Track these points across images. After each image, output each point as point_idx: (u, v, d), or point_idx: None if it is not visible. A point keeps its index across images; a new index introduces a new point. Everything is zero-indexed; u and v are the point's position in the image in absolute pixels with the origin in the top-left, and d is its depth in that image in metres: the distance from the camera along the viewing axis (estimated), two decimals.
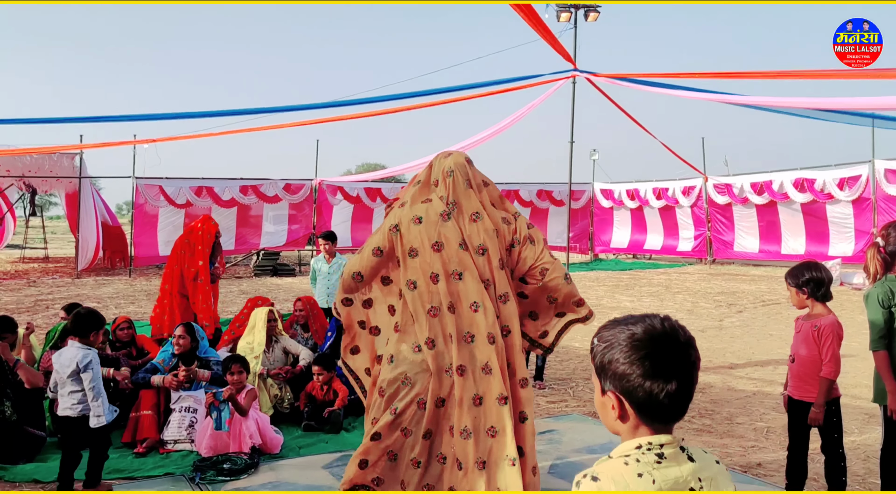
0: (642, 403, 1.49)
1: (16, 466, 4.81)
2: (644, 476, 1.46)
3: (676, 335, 1.52)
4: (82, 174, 18.79)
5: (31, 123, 13.67)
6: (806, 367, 3.95)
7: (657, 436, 1.50)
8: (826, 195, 18.54)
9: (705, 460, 1.55)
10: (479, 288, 3.59)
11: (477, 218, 3.72)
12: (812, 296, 3.96)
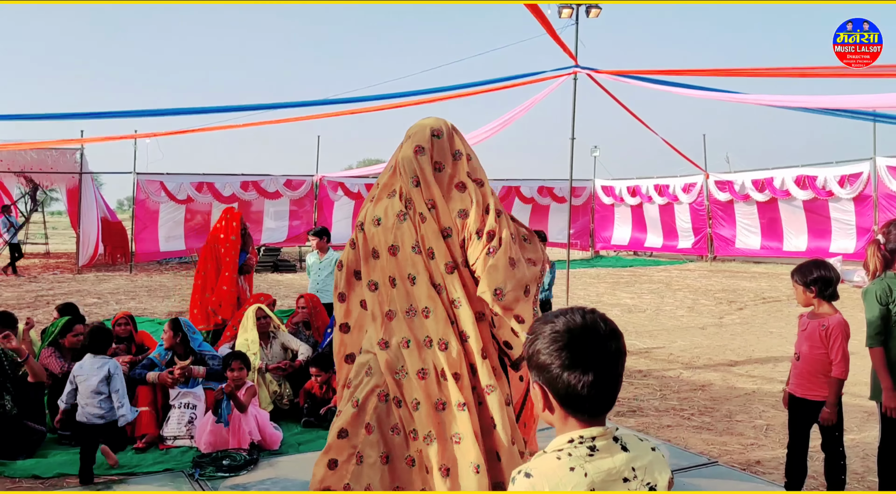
0: (563, 394, 1.52)
1: (15, 461, 4.81)
2: (576, 469, 1.48)
3: (596, 326, 1.54)
4: (83, 170, 18.80)
5: (33, 118, 13.63)
6: (812, 365, 3.94)
7: (588, 429, 1.53)
8: (827, 192, 18.52)
9: (640, 448, 1.57)
10: (431, 293, 3.37)
11: (423, 219, 3.41)
12: (820, 295, 3.94)
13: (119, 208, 27.46)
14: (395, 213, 3.45)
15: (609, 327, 1.55)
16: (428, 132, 3.43)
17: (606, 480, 1.49)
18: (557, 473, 1.48)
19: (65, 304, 6.73)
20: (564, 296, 13.35)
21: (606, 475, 1.50)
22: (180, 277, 17.90)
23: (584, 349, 1.51)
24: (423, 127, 3.46)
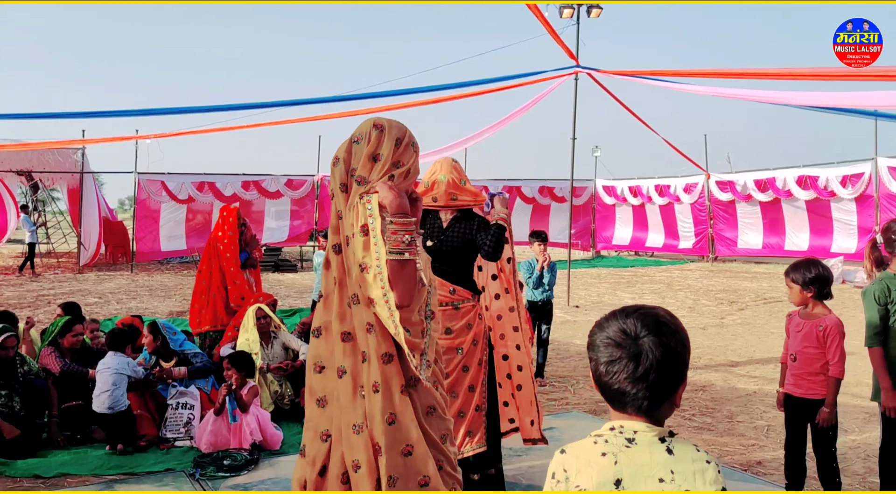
0: (601, 387, 1.58)
1: (16, 461, 4.81)
2: (608, 455, 1.51)
3: (637, 326, 1.56)
4: (84, 169, 18.82)
5: (34, 117, 13.64)
6: (809, 365, 3.93)
7: (631, 421, 1.55)
8: (829, 193, 18.52)
9: (688, 456, 1.54)
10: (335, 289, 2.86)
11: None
12: (818, 295, 3.95)
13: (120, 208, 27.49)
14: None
15: (655, 327, 1.55)
16: (369, 125, 2.87)
17: (637, 474, 1.50)
18: (589, 454, 1.54)
19: (67, 302, 6.78)
20: (565, 296, 13.37)
21: (638, 468, 1.50)
22: (181, 276, 17.91)
23: (618, 347, 1.54)
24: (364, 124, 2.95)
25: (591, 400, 6.63)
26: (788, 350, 4.10)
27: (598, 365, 1.56)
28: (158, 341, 5.83)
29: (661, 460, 1.51)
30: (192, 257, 20.59)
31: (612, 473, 1.50)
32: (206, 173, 20.55)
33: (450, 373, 3.93)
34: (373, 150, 2.73)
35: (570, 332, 10.35)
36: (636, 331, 1.54)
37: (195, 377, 5.62)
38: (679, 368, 1.54)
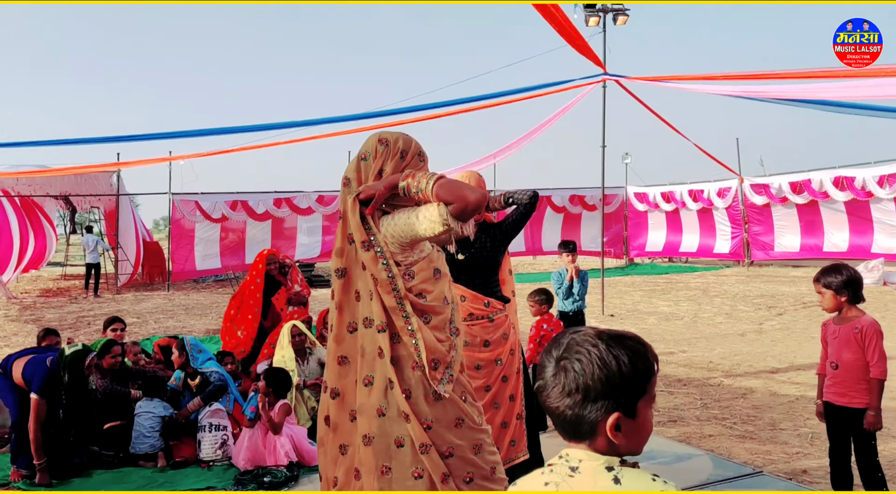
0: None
1: (62, 482, 4.89)
2: (549, 485, 1.43)
3: (556, 346, 1.50)
4: (120, 191, 19.16)
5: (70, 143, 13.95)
6: (852, 372, 3.86)
7: (575, 450, 1.46)
8: (866, 193, 18.16)
9: (639, 486, 1.42)
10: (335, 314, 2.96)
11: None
12: (852, 299, 3.90)
13: (155, 228, 27.91)
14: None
15: (568, 350, 1.46)
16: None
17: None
18: (533, 484, 1.46)
19: (111, 318, 6.95)
20: (599, 305, 13.27)
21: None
22: (216, 294, 18.10)
23: (544, 369, 1.50)
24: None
25: None
26: (828, 359, 4.03)
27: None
28: (183, 357, 5.92)
29: (605, 489, 1.41)
30: (227, 275, 20.80)
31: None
32: (238, 192, 20.78)
33: (492, 385, 3.96)
34: (379, 165, 2.73)
35: None
36: (558, 354, 1.47)
37: (210, 399, 5.62)
38: (597, 393, 1.42)
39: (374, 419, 2.64)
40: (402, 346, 2.66)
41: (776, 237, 21.50)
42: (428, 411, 2.64)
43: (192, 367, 5.89)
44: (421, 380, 2.65)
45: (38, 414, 4.85)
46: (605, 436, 1.42)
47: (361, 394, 2.69)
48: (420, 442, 2.60)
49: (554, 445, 4.35)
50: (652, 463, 5.05)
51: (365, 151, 2.78)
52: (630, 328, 11.64)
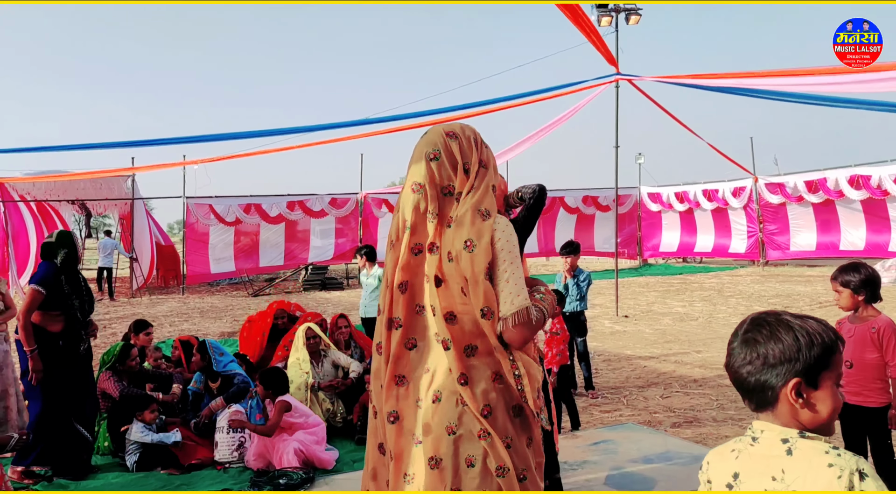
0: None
1: (80, 481, 4.92)
2: (734, 451, 1.63)
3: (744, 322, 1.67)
4: (135, 196, 19.29)
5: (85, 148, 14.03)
6: (867, 371, 3.85)
7: (759, 422, 1.60)
8: (882, 192, 18.02)
9: (809, 456, 1.50)
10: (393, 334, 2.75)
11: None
12: (870, 298, 3.88)
13: (170, 232, 28.07)
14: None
15: (752, 323, 1.63)
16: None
17: (753, 470, 1.55)
18: (723, 450, 1.67)
19: (138, 321, 7.03)
20: (613, 306, 13.22)
21: (755, 465, 1.55)
22: (231, 297, 18.18)
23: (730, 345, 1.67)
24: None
25: (645, 411, 6.53)
26: (843, 358, 4.00)
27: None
28: (206, 360, 5.97)
29: (777, 458, 1.52)
30: (241, 278, 20.89)
31: (733, 467, 1.59)
32: (251, 195, 20.88)
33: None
34: (462, 159, 2.50)
35: (621, 342, 10.22)
36: (744, 328, 1.63)
37: (233, 401, 5.66)
38: (776, 359, 1.54)
39: (443, 439, 2.40)
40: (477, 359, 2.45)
41: (792, 236, 21.37)
42: (510, 428, 2.45)
43: (214, 369, 5.92)
44: (502, 394, 2.44)
45: (30, 302, 4.89)
46: (786, 404, 1.53)
47: (426, 413, 2.44)
48: (498, 464, 2.38)
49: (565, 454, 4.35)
50: (668, 464, 5.02)
51: (432, 150, 2.49)
52: (644, 328, 11.62)
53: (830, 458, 1.45)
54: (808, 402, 1.52)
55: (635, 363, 8.79)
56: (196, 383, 5.92)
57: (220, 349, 6.06)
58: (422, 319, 2.51)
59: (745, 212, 22.32)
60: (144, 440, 5.26)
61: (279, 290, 19.99)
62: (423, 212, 2.48)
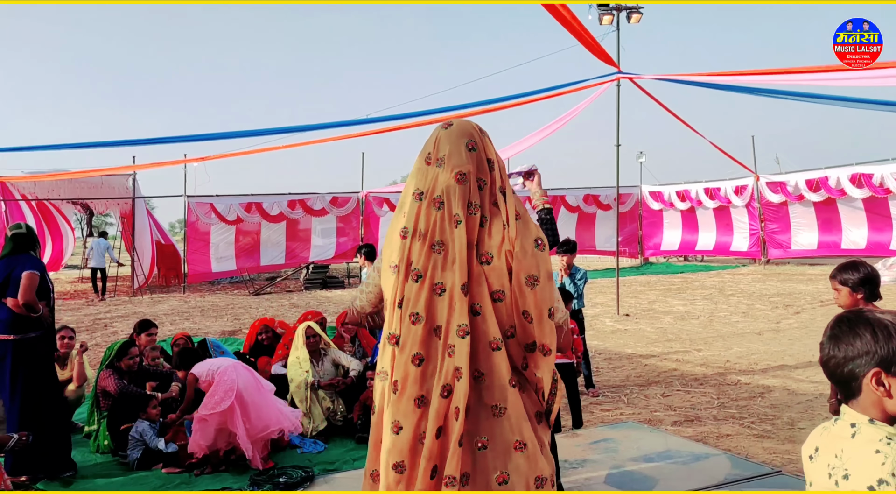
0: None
1: (79, 481, 4.92)
2: (819, 428, 1.80)
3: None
4: (136, 194, 19.28)
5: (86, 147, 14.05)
6: None
7: (844, 406, 1.73)
8: (885, 190, 17.99)
9: (866, 439, 1.62)
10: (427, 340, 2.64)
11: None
12: (869, 297, 3.86)
13: (171, 231, 28.07)
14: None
15: (837, 322, 1.74)
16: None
17: (826, 447, 1.70)
18: (818, 428, 1.81)
19: (143, 321, 7.02)
20: (614, 305, 13.21)
21: (829, 443, 1.69)
22: (232, 296, 18.18)
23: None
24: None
25: (646, 409, 6.52)
26: None
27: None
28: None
29: (843, 439, 1.66)
30: (242, 277, 20.88)
31: (817, 442, 1.75)
32: (252, 194, 20.88)
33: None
34: (487, 155, 2.50)
35: (622, 341, 10.21)
36: (832, 324, 1.76)
37: None
38: (858, 350, 1.66)
39: (511, 453, 2.34)
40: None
41: (793, 235, 21.35)
42: (543, 437, 2.44)
43: None
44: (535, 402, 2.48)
45: (30, 283, 4.86)
46: (869, 393, 1.64)
47: (486, 426, 2.35)
48: (537, 475, 2.35)
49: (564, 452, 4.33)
50: (668, 463, 5.01)
51: (470, 140, 2.47)
52: (646, 327, 11.60)
53: (881, 445, 1.57)
54: (889, 391, 1.62)
55: (636, 362, 8.78)
56: None
57: (220, 347, 6.07)
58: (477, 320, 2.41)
59: (748, 210, 22.29)
60: (147, 441, 5.27)
61: (280, 289, 19.99)
62: (471, 207, 2.41)
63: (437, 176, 2.42)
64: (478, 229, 2.40)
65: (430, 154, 2.48)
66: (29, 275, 4.92)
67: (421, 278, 2.38)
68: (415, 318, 2.37)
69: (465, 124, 2.53)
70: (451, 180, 2.39)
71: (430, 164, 2.47)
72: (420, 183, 2.45)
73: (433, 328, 2.38)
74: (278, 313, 14.21)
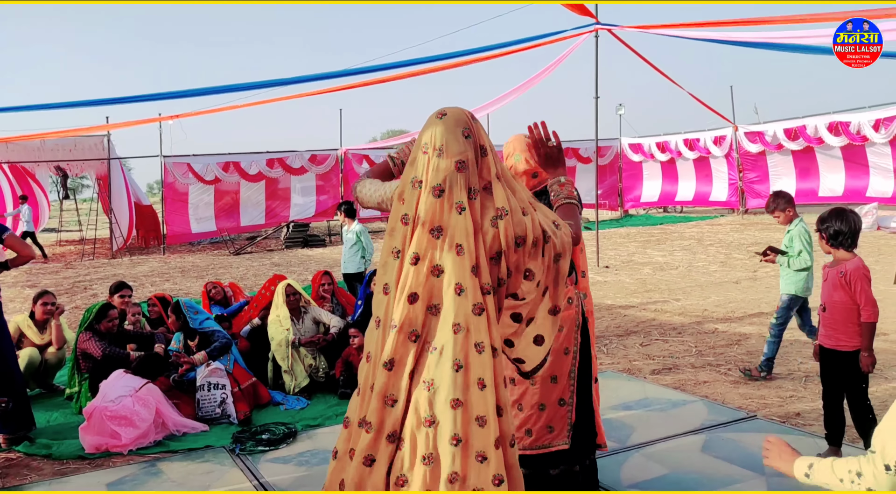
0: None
1: (63, 442, 4.93)
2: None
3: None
4: (111, 155, 19.01)
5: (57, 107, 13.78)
6: (837, 314, 3.92)
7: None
8: (862, 138, 18.09)
9: None
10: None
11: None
12: (831, 243, 3.97)
13: (149, 192, 27.78)
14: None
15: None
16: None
17: None
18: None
19: (118, 283, 7.07)
20: (594, 257, 13.29)
21: None
22: (212, 256, 18.10)
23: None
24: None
25: (625, 359, 6.61)
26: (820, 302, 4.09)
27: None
28: (181, 320, 5.98)
29: None
30: (223, 237, 20.76)
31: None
32: (230, 153, 20.65)
33: None
34: (481, 141, 2.54)
35: (601, 292, 10.29)
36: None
37: (216, 356, 5.68)
38: None
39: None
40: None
41: (771, 184, 21.47)
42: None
43: (190, 327, 5.93)
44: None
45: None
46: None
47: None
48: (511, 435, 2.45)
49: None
50: (647, 411, 5.11)
51: (465, 128, 2.50)
52: (625, 278, 11.70)
53: None
54: None
55: (615, 313, 8.87)
56: (176, 342, 5.92)
57: (194, 308, 6.06)
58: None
59: (727, 160, 22.36)
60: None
61: (261, 248, 19.91)
62: (472, 193, 2.46)
63: (438, 165, 2.47)
64: (480, 213, 2.46)
65: (427, 144, 2.51)
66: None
67: (419, 260, 2.44)
68: (413, 298, 2.43)
69: (458, 112, 2.58)
70: (452, 168, 2.44)
71: (427, 153, 2.50)
72: (419, 172, 2.50)
73: (428, 307, 2.45)
74: (259, 272, 14.19)
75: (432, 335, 2.44)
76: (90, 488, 4.24)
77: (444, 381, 2.37)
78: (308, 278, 12.02)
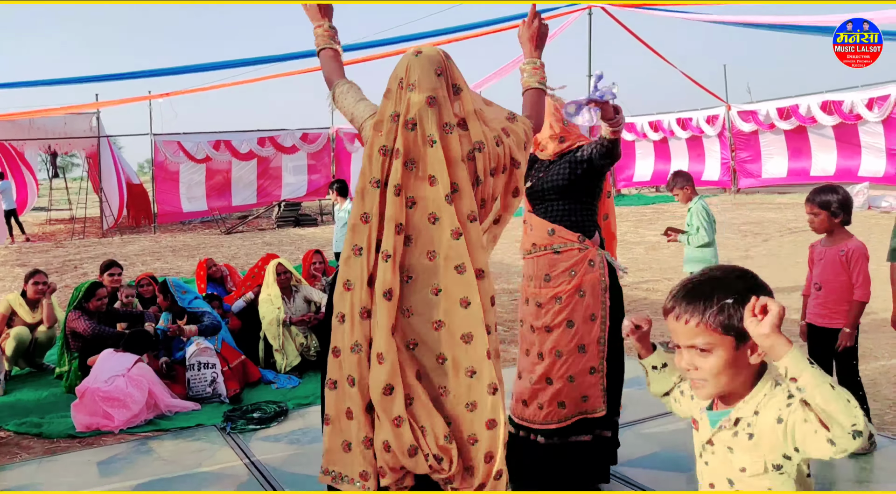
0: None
1: (52, 421, 4.92)
2: None
3: None
4: (100, 134, 18.86)
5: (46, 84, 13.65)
6: (835, 294, 3.91)
7: None
8: (855, 116, 18.09)
9: None
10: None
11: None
12: (845, 222, 3.94)
13: (140, 171, 27.62)
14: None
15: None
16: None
17: None
18: None
19: (108, 261, 7.00)
20: None
21: None
22: (203, 235, 18.04)
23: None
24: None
25: None
26: (812, 280, 4.08)
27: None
28: (168, 299, 5.98)
29: None
30: (214, 216, 20.67)
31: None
32: (221, 131, 20.51)
33: (552, 328, 3.46)
34: (454, 80, 2.63)
35: None
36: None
37: (205, 335, 5.69)
38: None
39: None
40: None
41: (763, 164, 21.50)
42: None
43: (179, 306, 5.92)
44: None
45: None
46: None
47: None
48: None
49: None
50: (637, 389, 5.11)
51: (438, 67, 2.59)
52: (617, 258, 11.66)
53: None
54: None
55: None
56: (164, 322, 5.90)
57: (182, 287, 6.04)
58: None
59: (720, 140, 22.35)
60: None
61: (252, 227, 19.85)
62: (447, 127, 2.55)
63: (410, 99, 2.54)
64: (458, 146, 2.54)
65: (402, 79, 2.59)
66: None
67: (400, 191, 2.50)
68: (399, 229, 2.50)
69: (432, 52, 2.66)
70: (423, 103, 2.53)
71: (402, 88, 2.58)
72: (395, 106, 2.57)
73: (406, 236, 2.52)
74: (251, 251, 14.15)
75: (408, 264, 2.53)
76: (80, 466, 4.23)
77: (421, 305, 2.49)
78: (299, 257, 12.00)
